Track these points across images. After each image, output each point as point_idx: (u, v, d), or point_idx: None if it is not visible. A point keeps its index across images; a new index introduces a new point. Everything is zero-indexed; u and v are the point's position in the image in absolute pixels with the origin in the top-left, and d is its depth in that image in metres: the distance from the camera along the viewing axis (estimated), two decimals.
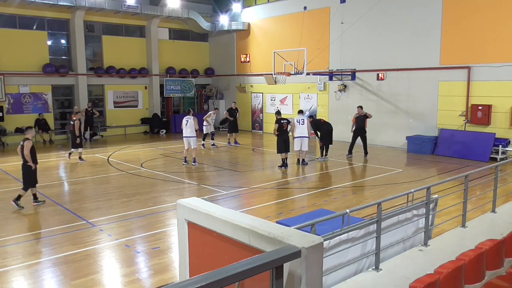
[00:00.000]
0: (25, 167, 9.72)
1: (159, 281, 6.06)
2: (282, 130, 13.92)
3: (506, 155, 14.81)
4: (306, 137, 14.17)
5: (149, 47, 24.10)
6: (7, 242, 7.66)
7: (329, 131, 15.37)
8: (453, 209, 7.39)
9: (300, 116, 14.48)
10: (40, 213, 9.40)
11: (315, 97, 21.28)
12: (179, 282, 2.28)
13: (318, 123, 15.73)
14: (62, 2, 19.39)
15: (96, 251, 7.25)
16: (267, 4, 23.36)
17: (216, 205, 3.93)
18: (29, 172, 9.72)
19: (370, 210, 7.35)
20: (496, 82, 15.13)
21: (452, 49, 16.15)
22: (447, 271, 4.26)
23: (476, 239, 5.45)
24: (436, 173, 13.23)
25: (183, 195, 10.73)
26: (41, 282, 6.14)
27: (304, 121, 14.22)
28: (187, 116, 14.62)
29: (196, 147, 14.63)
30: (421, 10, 16.84)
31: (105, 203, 10.13)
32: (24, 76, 20.37)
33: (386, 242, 5.17)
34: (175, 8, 22.55)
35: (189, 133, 14.37)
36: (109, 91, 23.27)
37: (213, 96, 26.59)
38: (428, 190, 5.60)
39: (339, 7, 19.52)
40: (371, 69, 18.70)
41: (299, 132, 14.10)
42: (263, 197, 10.71)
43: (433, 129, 16.88)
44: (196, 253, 3.97)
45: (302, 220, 5.63)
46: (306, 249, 2.65)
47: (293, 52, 18.42)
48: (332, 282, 4.57)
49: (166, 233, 8.12)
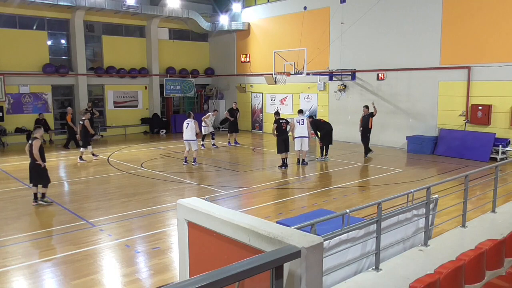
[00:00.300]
0: (34, 166, 9.78)
1: (159, 281, 6.06)
2: (281, 130, 13.94)
3: (506, 155, 14.81)
4: (306, 137, 14.19)
5: (149, 47, 24.10)
6: (7, 242, 7.66)
7: (329, 131, 15.38)
8: (453, 209, 7.39)
9: (300, 116, 14.49)
10: (40, 213, 9.40)
11: (315, 97, 21.28)
12: (179, 282, 2.28)
13: (318, 123, 15.73)
14: (62, 2, 19.38)
15: (96, 251, 7.25)
16: (267, 4, 23.37)
17: (216, 205, 3.92)
18: (38, 170, 9.78)
19: (370, 210, 7.35)
20: (496, 82, 15.14)
21: (452, 49, 16.16)
22: (447, 271, 4.26)
23: (476, 239, 5.45)
24: (436, 173, 13.23)
25: (183, 195, 10.73)
26: (41, 282, 6.14)
27: (304, 121, 14.24)
28: (188, 119, 14.65)
29: (197, 149, 14.67)
30: (421, 10, 16.84)
31: (105, 203, 10.13)
32: (24, 76, 20.38)
33: (386, 242, 5.17)
34: (175, 8, 22.55)
35: (190, 136, 14.42)
36: (109, 91, 23.28)
37: (213, 96, 26.59)
38: (428, 190, 5.60)
39: (339, 7, 19.52)
40: (371, 69, 18.70)
41: (299, 132, 14.11)
42: (263, 197, 10.71)
43: (433, 129, 16.89)
44: (196, 253, 3.97)
45: (302, 220, 5.63)
46: (306, 249, 2.65)
47: (293, 52, 18.42)
48: (332, 282, 4.57)
49: (166, 233, 8.12)
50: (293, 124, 14.19)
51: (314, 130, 15.35)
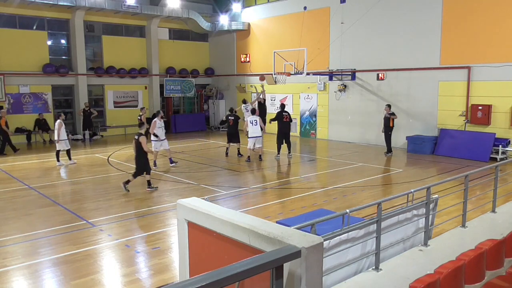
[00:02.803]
0: (140, 158, 10.84)
1: (159, 281, 6.06)
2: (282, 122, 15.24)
3: (506, 155, 14.81)
4: (259, 137, 15.09)
5: (149, 47, 24.10)
6: (7, 242, 7.66)
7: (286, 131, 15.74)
8: (453, 209, 7.39)
9: (253, 117, 15.09)
10: (40, 213, 9.39)
11: (315, 97, 21.28)
12: (179, 282, 2.28)
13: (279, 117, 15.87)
14: (62, 2, 19.38)
15: (96, 251, 7.25)
16: (267, 4, 23.37)
17: (216, 205, 3.92)
18: (144, 162, 10.92)
19: (370, 210, 7.35)
20: (496, 82, 15.13)
21: (452, 49, 16.15)
22: (447, 271, 4.26)
23: (476, 239, 5.45)
24: (436, 173, 13.23)
25: (183, 195, 10.73)
26: (41, 282, 6.14)
27: (257, 121, 14.98)
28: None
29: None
30: (421, 10, 16.84)
31: (105, 203, 10.12)
32: (24, 76, 20.38)
33: (386, 242, 5.17)
34: (175, 8, 22.55)
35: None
36: (109, 91, 23.27)
37: (213, 96, 26.60)
38: (428, 190, 5.60)
39: (339, 7, 19.52)
40: (371, 69, 18.70)
41: (252, 132, 14.91)
42: (263, 197, 10.71)
43: (433, 129, 16.88)
44: (196, 253, 3.97)
45: (302, 220, 5.63)
46: (306, 249, 2.65)
47: (293, 52, 18.41)
48: (332, 282, 4.57)
49: (166, 233, 8.12)
50: (247, 124, 15.02)
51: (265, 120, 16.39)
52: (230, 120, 15.94)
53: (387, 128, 16.06)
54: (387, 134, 16.12)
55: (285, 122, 15.24)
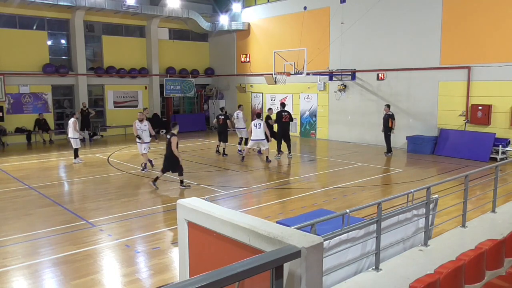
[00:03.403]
0: (170, 156, 11.07)
1: (159, 281, 6.06)
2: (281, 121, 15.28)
3: (506, 155, 14.81)
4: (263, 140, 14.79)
5: (149, 47, 24.10)
6: (7, 242, 7.66)
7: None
8: (453, 209, 7.39)
9: (257, 120, 14.88)
10: (40, 213, 9.39)
11: (315, 97, 21.28)
12: (179, 282, 2.28)
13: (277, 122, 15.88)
14: (62, 2, 19.38)
15: (96, 251, 7.24)
16: (267, 4, 23.36)
17: (216, 205, 3.93)
18: (174, 161, 11.09)
19: (370, 210, 7.34)
20: (496, 82, 15.13)
21: (452, 49, 16.15)
22: (447, 271, 4.26)
23: (476, 239, 5.45)
24: (436, 173, 13.23)
25: (183, 195, 10.73)
26: (41, 282, 6.13)
27: (261, 125, 14.73)
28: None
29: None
30: (421, 10, 16.84)
31: (105, 203, 10.12)
32: (24, 76, 20.38)
33: (386, 242, 5.17)
34: (175, 8, 22.55)
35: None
36: (109, 91, 23.28)
37: (213, 96, 26.59)
38: (428, 190, 5.59)
39: (339, 7, 19.52)
40: (371, 69, 18.70)
41: (255, 136, 14.70)
42: (263, 197, 10.71)
43: (433, 129, 16.88)
44: (196, 253, 3.97)
45: (302, 220, 5.63)
46: (306, 249, 2.65)
47: (293, 52, 18.41)
48: (332, 282, 4.57)
49: (166, 233, 8.12)
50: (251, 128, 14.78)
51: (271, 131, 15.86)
52: (220, 119, 16.22)
53: (386, 128, 16.08)
54: (387, 134, 16.13)
55: (284, 122, 15.29)
